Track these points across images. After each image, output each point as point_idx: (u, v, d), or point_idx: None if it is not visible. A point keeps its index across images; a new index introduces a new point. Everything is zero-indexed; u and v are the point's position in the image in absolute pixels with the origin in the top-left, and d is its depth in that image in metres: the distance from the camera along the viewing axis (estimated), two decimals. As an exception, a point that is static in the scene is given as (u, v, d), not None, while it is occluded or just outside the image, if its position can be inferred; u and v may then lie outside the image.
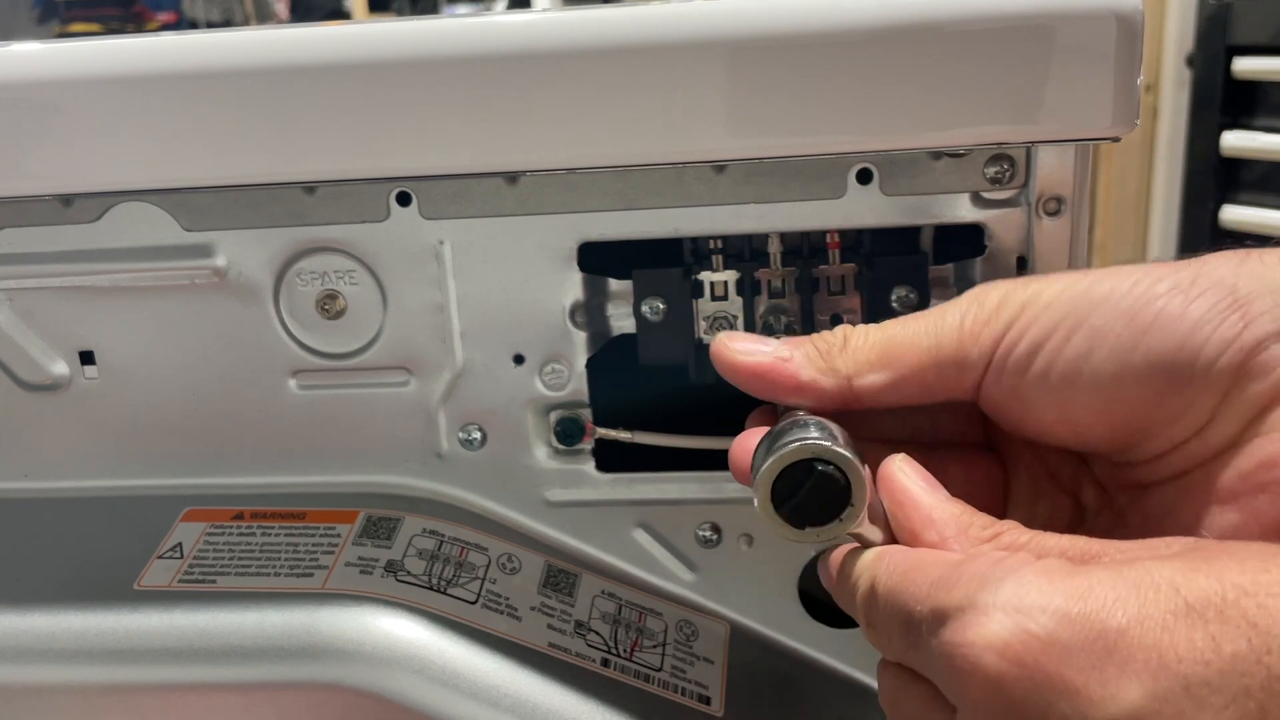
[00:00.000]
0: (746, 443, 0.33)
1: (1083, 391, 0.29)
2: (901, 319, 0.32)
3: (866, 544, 0.30)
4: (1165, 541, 0.26)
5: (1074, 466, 0.33)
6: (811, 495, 0.29)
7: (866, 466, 0.30)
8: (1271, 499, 0.28)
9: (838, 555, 0.31)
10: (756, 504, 0.29)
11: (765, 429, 0.33)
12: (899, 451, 0.32)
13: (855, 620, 0.30)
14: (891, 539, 0.30)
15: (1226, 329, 0.27)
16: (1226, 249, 0.30)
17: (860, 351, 0.32)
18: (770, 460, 0.29)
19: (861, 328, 0.33)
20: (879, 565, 0.28)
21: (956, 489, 0.30)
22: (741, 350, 0.33)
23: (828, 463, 0.29)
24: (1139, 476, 0.31)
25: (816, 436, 0.29)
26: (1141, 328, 0.28)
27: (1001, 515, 0.34)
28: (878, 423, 0.34)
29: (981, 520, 0.28)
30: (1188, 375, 0.28)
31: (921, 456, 0.32)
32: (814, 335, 0.33)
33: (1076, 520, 0.33)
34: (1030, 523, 0.33)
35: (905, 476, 0.30)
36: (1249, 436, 0.28)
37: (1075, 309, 0.29)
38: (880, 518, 0.30)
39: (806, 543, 0.30)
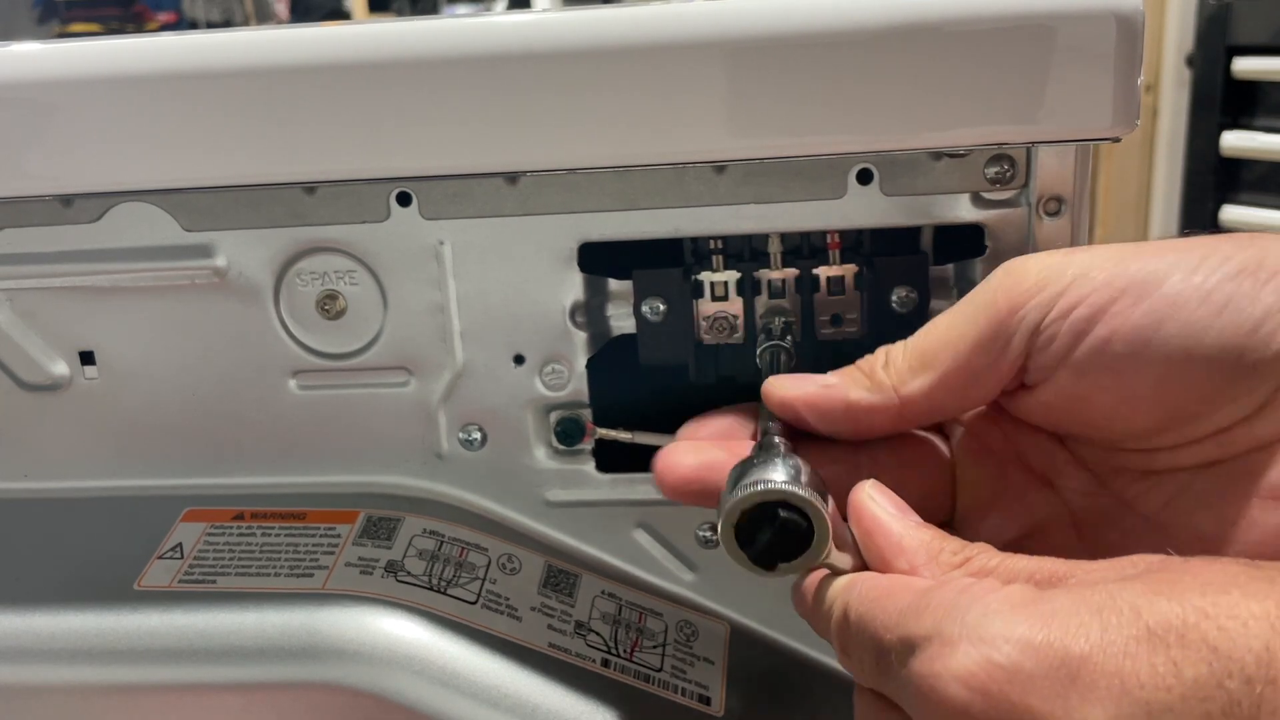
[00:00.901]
0: (670, 457, 0.34)
1: (1148, 364, 0.28)
2: (933, 321, 0.32)
3: (838, 572, 0.30)
4: (1131, 561, 0.26)
5: (1048, 451, 0.33)
6: (774, 537, 0.29)
7: (830, 501, 0.29)
8: None
9: (810, 583, 0.31)
10: (721, 545, 0.29)
11: (685, 442, 0.34)
12: (824, 449, 0.32)
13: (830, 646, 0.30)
14: (863, 565, 0.30)
15: None
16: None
17: (899, 360, 0.32)
18: (729, 505, 0.29)
19: (900, 343, 0.32)
20: (850, 593, 0.28)
21: (888, 476, 0.30)
22: (789, 385, 0.33)
23: (788, 505, 0.29)
24: (1157, 463, 0.30)
25: (778, 479, 0.29)
26: (1217, 307, 0.27)
27: (950, 501, 0.34)
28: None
29: (952, 545, 0.28)
30: (1252, 363, 0.27)
31: (849, 450, 0.33)
32: (858, 362, 0.33)
33: (1058, 508, 0.33)
34: (994, 509, 0.33)
35: (875, 504, 0.30)
36: None
37: (1140, 278, 0.28)
38: (851, 545, 0.30)
39: (774, 577, 0.30)
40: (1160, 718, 0.21)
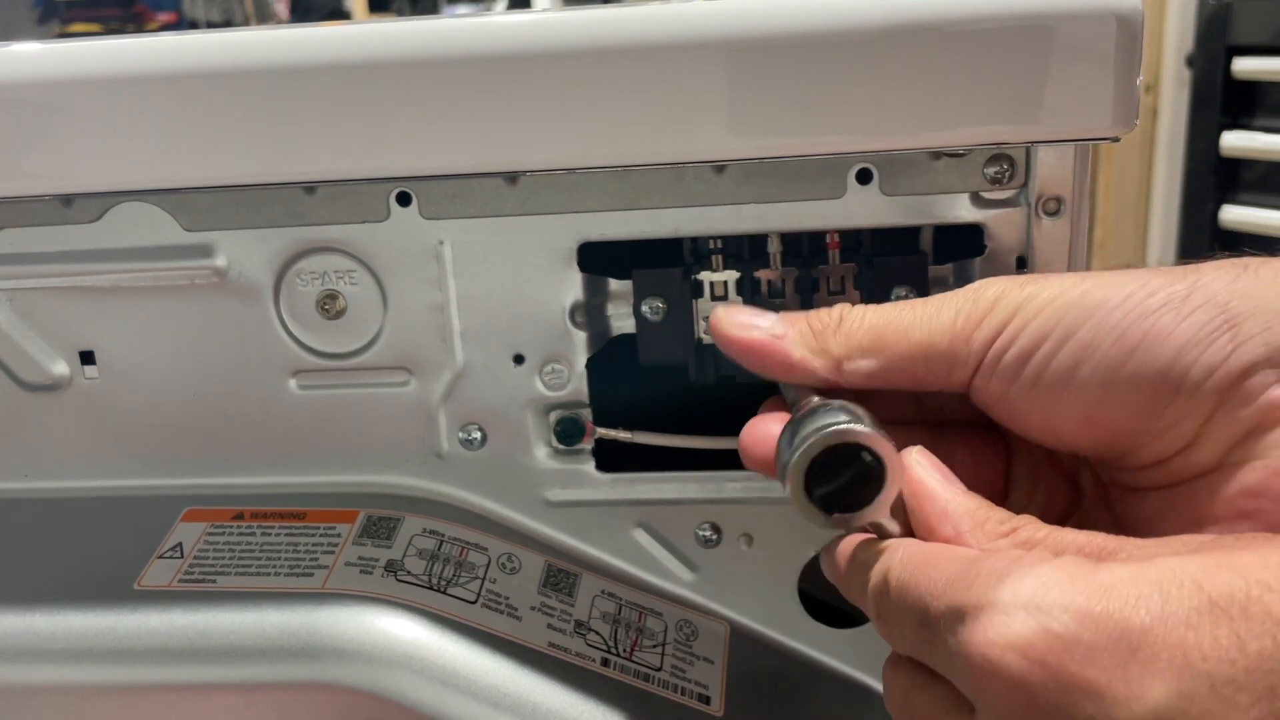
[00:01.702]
0: (759, 429, 0.33)
1: (1067, 403, 0.29)
2: (899, 305, 0.32)
3: (883, 534, 0.30)
4: (1183, 539, 0.26)
5: (1073, 455, 0.33)
6: (844, 481, 0.29)
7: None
8: (1254, 526, 0.27)
9: (847, 545, 0.31)
10: (788, 491, 0.29)
11: (779, 414, 0.33)
12: (905, 432, 0.32)
13: (863, 612, 0.30)
14: (907, 531, 0.30)
15: (1215, 351, 0.27)
16: (1226, 256, 0.29)
17: (853, 335, 0.32)
18: (804, 447, 0.29)
19: (859, 308, 0.33)
20: (893, 557, 0.28)
21: (959, 468, 0.30)
22: (738, 324, 0.34)
23: (863, 447, 0.29)
24: (1129, 480, 0.31)
25: (847, 421, 0.29)
26: (1130, 345, 0.28)
27: (1003, 495, 0.34)
28: (884, 402, 0.34)
29: (998, 515, 0.28)
30: (1173, 395, 0.28)
31: (926, 435, 0.32)
32: (811, 312, 0.34)
33: (1074, 506, 0.33)
34: (1029, 504, 0.33)
35: (922, 469, 0.30)
36: (1235, 460, 0.28)
37: (1066, 318, 0.29)
38: (896, 510, 0.30)
39: (831, 528, 0.30)
40: (1223, 690, 0.21)
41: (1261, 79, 1.51)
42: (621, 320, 0.42)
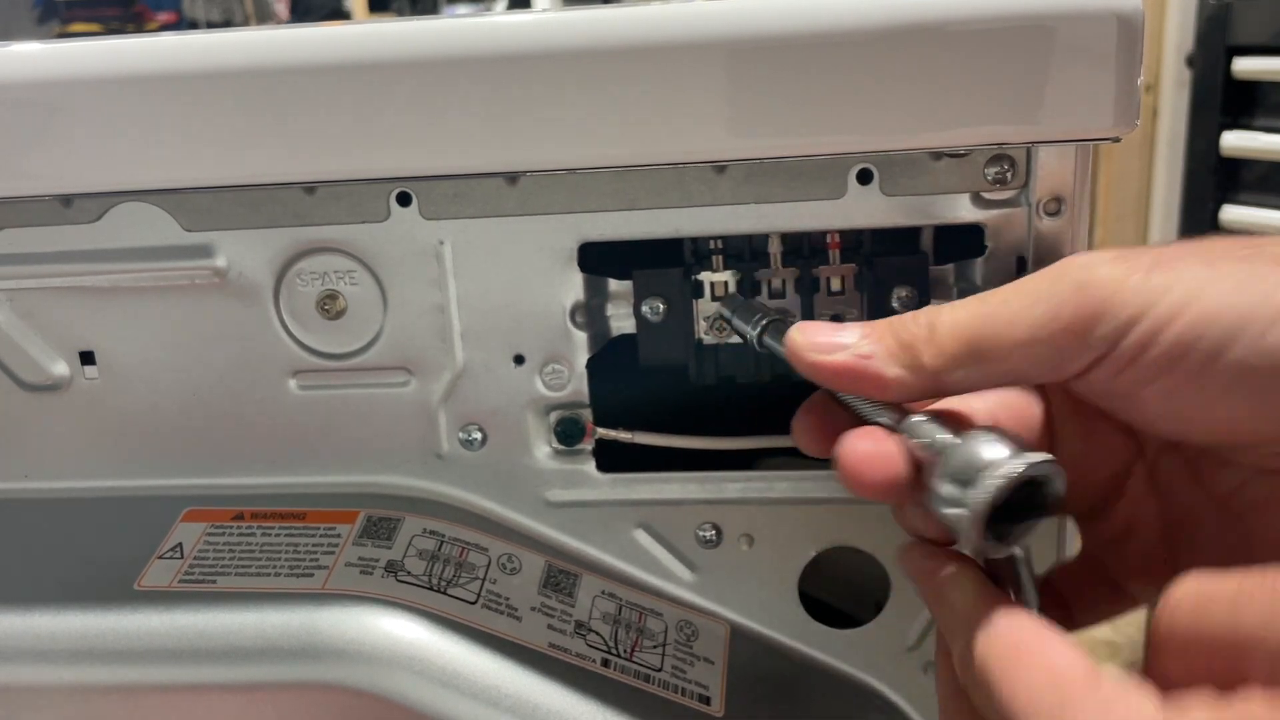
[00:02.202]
0: (872, 446, 0.30)
1: (1213, 408, 0.28)
2: (987, 302, 0.30)
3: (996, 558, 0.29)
4: None
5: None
6: (1019, 512, 0.28)
7: None
8: None
9: (942, 571, 0.30)
10: (969, 532, 0.28)
11: (876, 429, 0.31)
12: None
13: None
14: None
15: None
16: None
17: (947, 344, 0.30)
18: (996, 482, 0.27)
19: (946, 314, 0.30)
20: (984, 628, 0.27)
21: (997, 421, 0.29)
22: (819, 347, 0.31)
23: (1038, 478, 0.28)
24: (1239, 458, 0.30)
25: (1013, 452, 0.28)
26: None
27: (1048, 446, 0.32)
28: None
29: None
30: None
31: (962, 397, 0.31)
32: (895, 323, 0.31)
33: (1134, 453, 0.32)
34: (1082, 456, 0.32)
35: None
36: None
37: (1215, 327, 0.27)
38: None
39: (1004, 551, 0.29)
40: None
41: (1261, 79, 1.51)
42: (622, 320, 0.42)
